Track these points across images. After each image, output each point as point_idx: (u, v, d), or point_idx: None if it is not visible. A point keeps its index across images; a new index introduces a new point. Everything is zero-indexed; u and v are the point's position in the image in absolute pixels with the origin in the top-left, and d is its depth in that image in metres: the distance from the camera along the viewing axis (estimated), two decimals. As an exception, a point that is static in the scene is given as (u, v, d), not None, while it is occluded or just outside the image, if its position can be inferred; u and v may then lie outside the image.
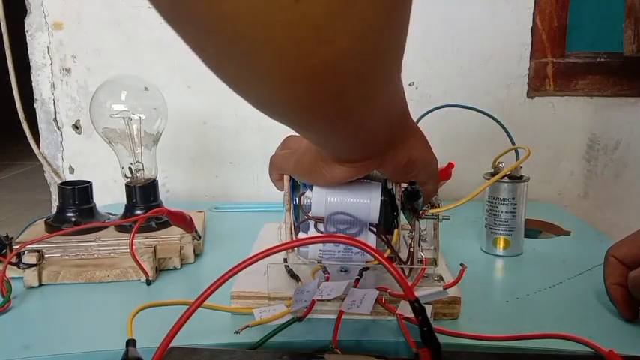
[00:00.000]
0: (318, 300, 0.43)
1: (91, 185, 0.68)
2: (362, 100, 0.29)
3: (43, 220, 0.68)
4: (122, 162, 0.70)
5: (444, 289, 0.43)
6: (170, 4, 0.21)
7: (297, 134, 0.39)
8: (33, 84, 0.95)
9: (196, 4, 0.20)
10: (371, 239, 0.48)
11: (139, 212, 0.66)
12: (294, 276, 0.50)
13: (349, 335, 0.45)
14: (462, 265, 0.47)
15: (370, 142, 0.37)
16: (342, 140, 0.36)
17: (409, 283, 0.39)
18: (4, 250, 0.58)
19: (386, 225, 0.49)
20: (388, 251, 0.48)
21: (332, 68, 0.24)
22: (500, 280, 0.61)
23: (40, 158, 0.97)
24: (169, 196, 0.98)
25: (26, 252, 0.55)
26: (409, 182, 0.47)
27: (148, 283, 0.56)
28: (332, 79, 0.25)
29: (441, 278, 0.51)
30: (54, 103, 0.95)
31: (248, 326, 0.44)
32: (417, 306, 0.33)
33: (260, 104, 0.29)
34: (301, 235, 0.49)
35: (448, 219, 0.53)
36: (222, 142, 0.96)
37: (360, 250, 0.45)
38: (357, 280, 0.46)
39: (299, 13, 0.20)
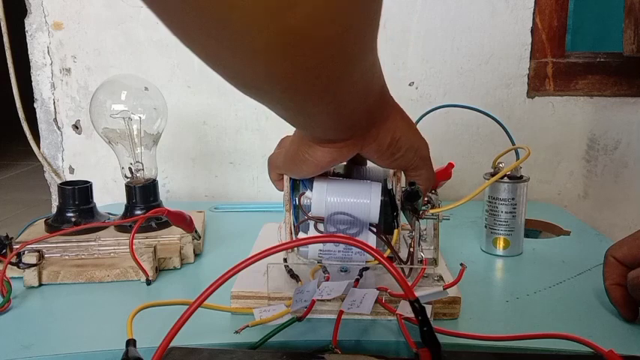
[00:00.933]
0: (318, 300, 0.43)
1: (91, 185, 0.68)
2: (337, 72, 0.29)
3: (43, 220, 0.68)
4: (122, 162, 0.70)
5: (444, 289, 0.43)
6: None
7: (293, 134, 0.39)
8: (33, 84, 0.95)
9: None
10: (371, 239, 0.48)
11: (139, 212, 0.66)
12: (294, 276, 0.50)
13: (349, 335, 0.45)
14: (462, 265, 0.47)
15: (349, 118, 0.37)
16: (319, 117, 0.35)
17: (409, 283, 0.39)
18: (4, 250, 0.58)
19: (386, 225, 0.49)
20: (388, 251, 0.48)
21: (303, 36, 0.24)
22: (500, 280, 0.61)
23: (40, 158, 0.97)
24: (169, 196, 0.98)
25: (26, 252, 0.55)
26: (409, 182, 0.47)
27: (148, 283, 0.56)
28: (304, 47, 0.25)
29: (440, 278, 0.51)
30: (54, 103, 0.95)
31: (248, 326, 0.44)
32: (417, 306, 0.33)
33: (234, 78, 0.29)
34: (301, 235, 0.49)
35: (448, 219, 0.53)
36: (222, 142, 0.96)
37: (360, 250, 0.45)
38: (357, 280, 0.46)
39: None
